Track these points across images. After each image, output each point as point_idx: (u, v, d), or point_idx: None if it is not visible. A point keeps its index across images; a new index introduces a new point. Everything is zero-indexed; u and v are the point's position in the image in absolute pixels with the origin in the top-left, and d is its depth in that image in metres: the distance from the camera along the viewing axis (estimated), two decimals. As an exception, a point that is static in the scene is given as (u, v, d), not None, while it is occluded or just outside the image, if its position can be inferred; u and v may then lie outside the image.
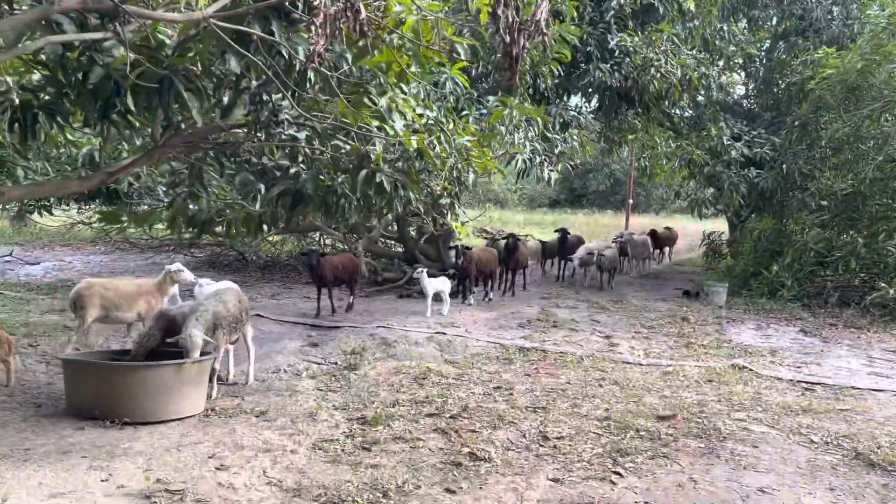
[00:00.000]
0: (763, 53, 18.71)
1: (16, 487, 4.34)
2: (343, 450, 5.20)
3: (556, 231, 16.39)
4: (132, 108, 4.92)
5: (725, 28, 15.66)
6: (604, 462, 5.13)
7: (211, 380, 6.34)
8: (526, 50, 5.62)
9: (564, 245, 15.49)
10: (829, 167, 14.21)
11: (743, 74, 19.37)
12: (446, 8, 5.66)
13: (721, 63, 16.09)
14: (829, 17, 16.48)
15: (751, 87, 19.35)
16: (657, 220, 38.81)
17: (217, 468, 4.76)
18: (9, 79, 4.59)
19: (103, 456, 4.90)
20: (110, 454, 4.94)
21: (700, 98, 15.75)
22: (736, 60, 17.06)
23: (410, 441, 5.41)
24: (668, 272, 18.43)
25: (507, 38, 5.36)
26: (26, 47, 4.07)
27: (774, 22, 17.49)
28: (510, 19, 5.27)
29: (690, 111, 17.06)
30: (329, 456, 5.06)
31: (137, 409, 5.60)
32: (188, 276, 8.16)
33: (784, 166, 14.92)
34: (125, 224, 6.98)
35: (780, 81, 16.79)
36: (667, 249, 20.04)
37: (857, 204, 13.10)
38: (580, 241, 16.36)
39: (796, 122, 14.53)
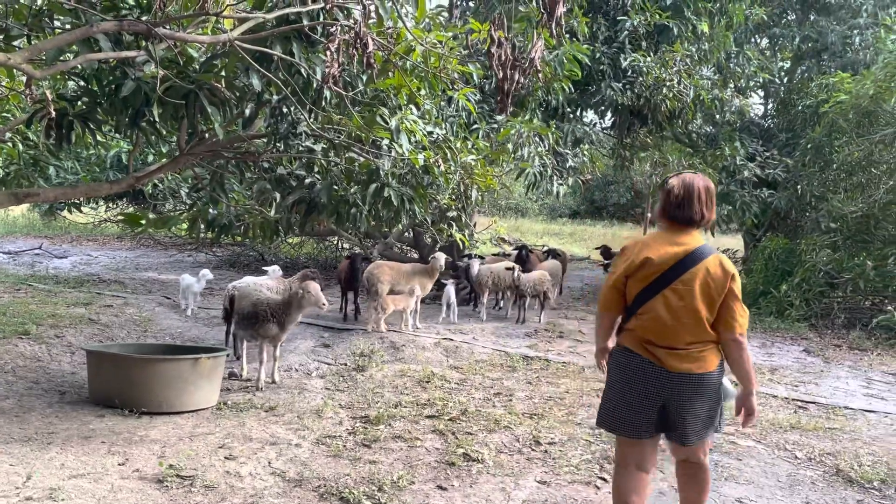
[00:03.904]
0: (784, 74, 18.80)
1: (39, 468, 4.69)
2: (345, 446, 5.51)
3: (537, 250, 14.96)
4: (159, 118, 5.32)
5: (742, 51, 15.82)
6: (591, 468, 5.39)
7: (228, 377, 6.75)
8: (520, 84, 5.95)
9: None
10: (841, 190, 14.33)
11: (762, 93, 19.44)
12: (453, 42, 5.98)
13: (735, 85, 16.22)
14: (846, 41, 16.60)
15: (769, 107, 19.44)
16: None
17: (226, 457, 5.09)
18: (47, 92, 4.96)
19: (121, 442, 5.26)
20: (128, 441, 5.30)
21: (717, 117, 15.92)
22: (755, 81, 17.16)
23: (409, 440, 5.71)
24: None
25: (500, 74, 5.68)
26: (67, 63, 4.44)
27: (797, 41, 17.58)
28: (503, 57, 5.59)
29: (708, 128, 17.18)
30: (331, 451, 5.37)
31: (154, 399, 5.97)
32: (443, 262, 10.63)
33: (798, 187, 15.05)
34: (145, 226, 7.42)
35: (797, 103, 16.92)
36: None
37: (868, 227, 13.21)
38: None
39: (809, 145, 14.69)
